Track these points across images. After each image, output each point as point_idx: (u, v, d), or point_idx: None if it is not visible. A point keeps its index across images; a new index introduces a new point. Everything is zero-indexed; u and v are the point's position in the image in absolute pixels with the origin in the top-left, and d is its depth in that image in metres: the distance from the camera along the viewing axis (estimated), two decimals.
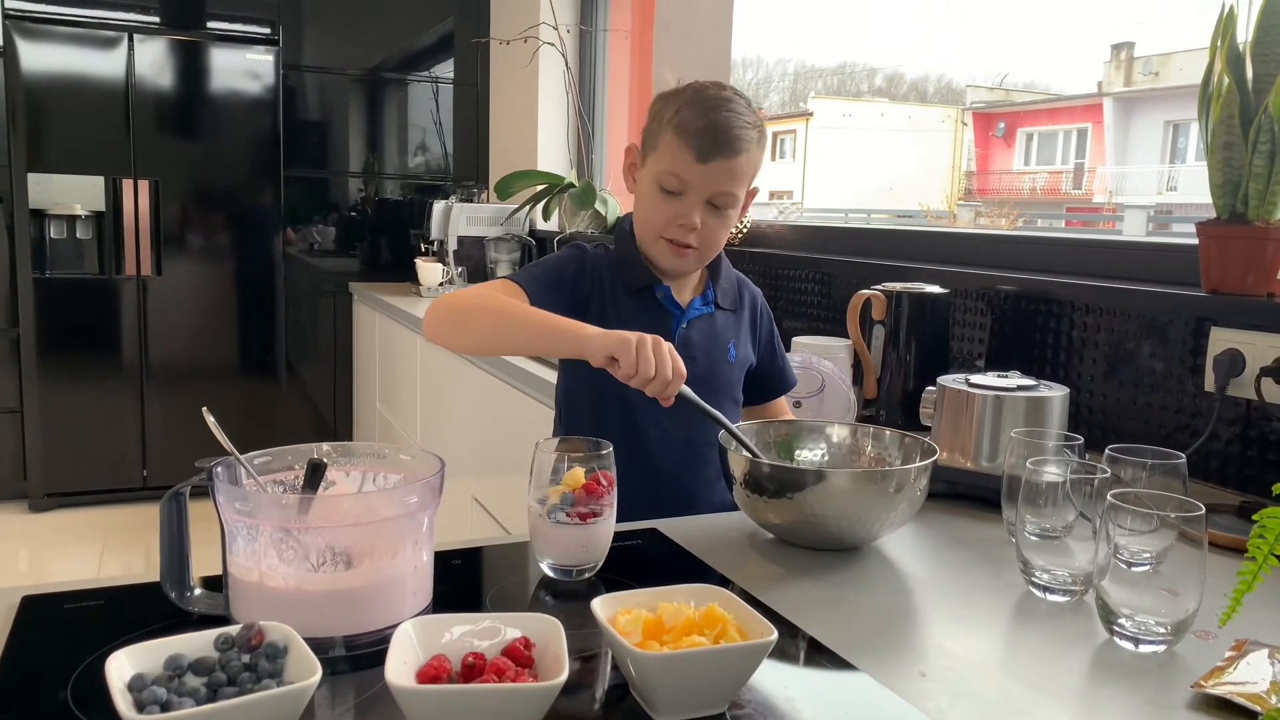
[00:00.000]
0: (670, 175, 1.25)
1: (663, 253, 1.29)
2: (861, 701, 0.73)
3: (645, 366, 1.04)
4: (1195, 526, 0.78)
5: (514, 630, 0.69)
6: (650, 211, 1.29)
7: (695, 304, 1.35)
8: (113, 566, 3.36)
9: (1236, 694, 0.72)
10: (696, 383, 1.25)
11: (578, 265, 1.33)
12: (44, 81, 3.62)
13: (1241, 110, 1.28)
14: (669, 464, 1.31)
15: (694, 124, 1.23)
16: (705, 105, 1.24)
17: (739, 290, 1.42)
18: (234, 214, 3.97)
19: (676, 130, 1.24)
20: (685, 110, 1.24)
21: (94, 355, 3.86)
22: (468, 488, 2.66)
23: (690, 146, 1.23)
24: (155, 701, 0.59)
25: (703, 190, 1.25)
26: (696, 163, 1.23)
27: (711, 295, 1.37)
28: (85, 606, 0.84)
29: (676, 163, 1.24)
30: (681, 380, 1.06)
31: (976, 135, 18.54)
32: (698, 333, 1.33)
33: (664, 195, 1.26)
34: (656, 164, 1.27)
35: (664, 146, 1.26)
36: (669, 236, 1.27)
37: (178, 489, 0.81)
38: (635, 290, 1.32)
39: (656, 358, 1.04)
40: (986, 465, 1.24)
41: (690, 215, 1.25)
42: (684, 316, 1.33)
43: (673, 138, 1.24)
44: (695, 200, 1.25)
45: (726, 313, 1.38)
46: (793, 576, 0.98)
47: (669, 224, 1.27)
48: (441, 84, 4.43)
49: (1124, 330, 1.49)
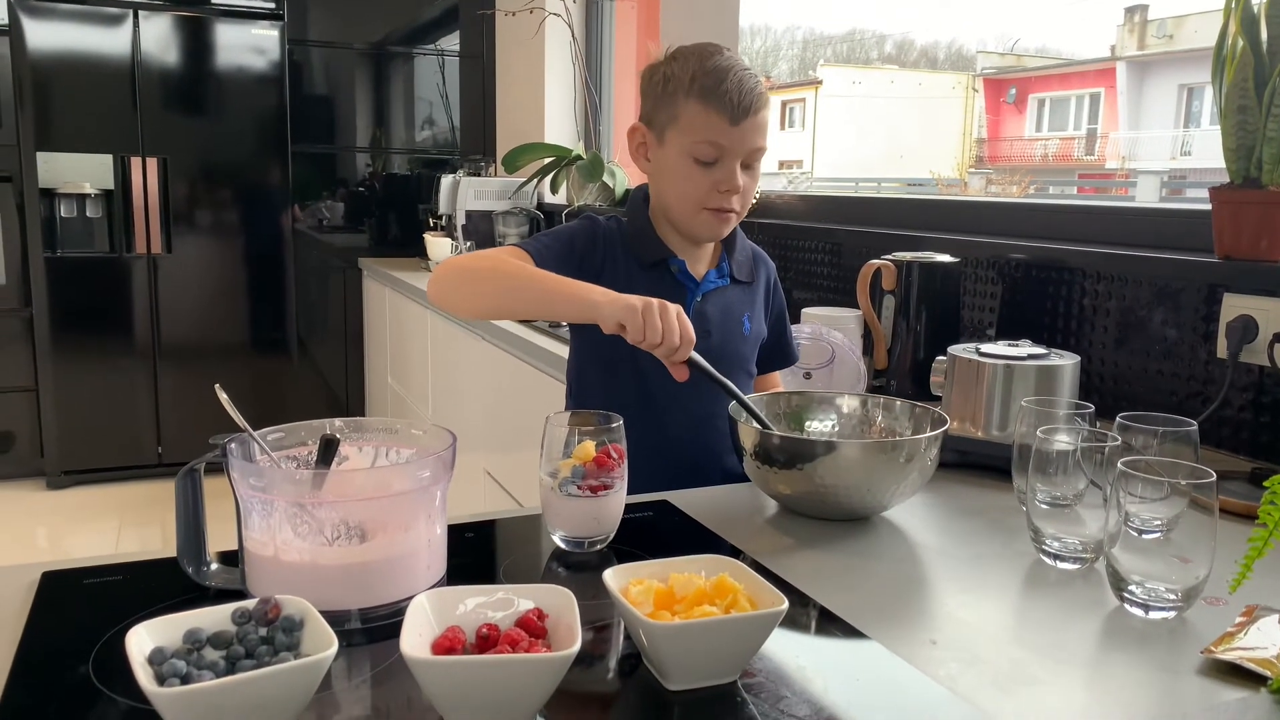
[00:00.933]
0: (705, 145, 1.24)
1: (706, 223, 1.28)
2: (872, 669, 0.73)
3: (653, 332, 1.03)
4: (1206, 493, 0.78)
5: (527, 602, 0.70)
6: (686, 185, 1.27)
7: (710, 276, 1.34)
8: (130, 542, 3.39)
9: (1246, 659, 0.72)
10: (711, 356, 1.25)
11: (589, 237, 1.32)
12: (50, 60, 3.62)
13: (1256, 73, 1.26)
14: (681, 434, 1.31)
15: (718, 88, 1.22)
16: (719, 68, 1.23)
17: (754, 262, 1.41)
18: (242, 191, 3.97)
19: (701, 99, 1.23)
20: (702, 77, 1.23)
21: (107, 333, 3.88)
22: (480, 461, 2.67)
23: (721, 112, 1.22)
24: (175, 674, 0.60)
25: (738, 152, 1.24)
26: (731, 126, 1.22)
27: (727, 268, 1.36)
28: (104, 582, 0.86)
29: (710, 130, 1.23)
30: (691, 345, 1.05)
31: (987, 102, 18.33)
32: (713, 306, 1.33)
33: (700, 166, 1.25)
34: (684, 136, 1.25)
35: (688, 118, 1.24)
36: (712, 205, 1.26)
37: (192, 465, 0.81)
38: (650, 264, 1.31)
39: (665, 322, 1.04)
40: (997, 434, 1.24)
41: (733, 179, 1.25)
42: (699, 290, 1.32)
43: (698, 107, 1.23)
44: (733, 163, 1.25)
45: (742, 285, 1.37)
46: (803, 547, 0.98)
47: (710, 193, 1.26)
48: (447, 57, 4.41)
49: (1136, 297, 1.48)
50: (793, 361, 1.50)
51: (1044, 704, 0.69)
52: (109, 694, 0.67)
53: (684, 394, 1.30)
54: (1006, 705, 0.68)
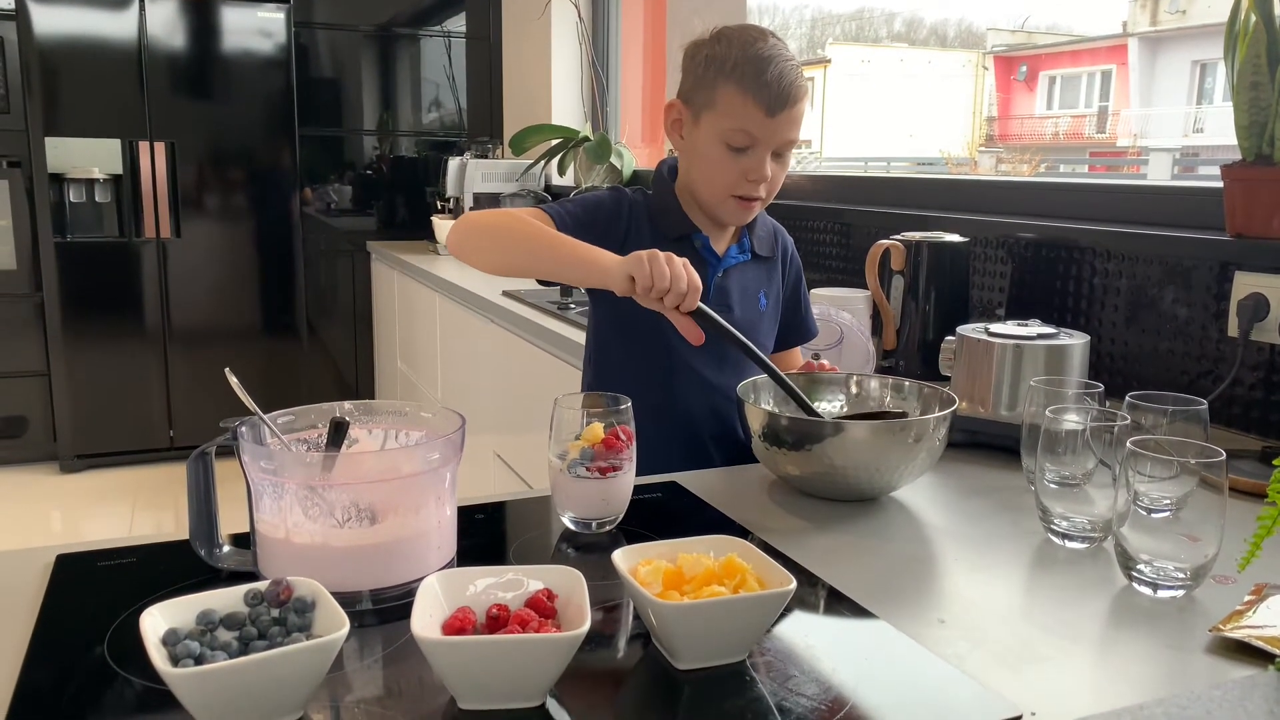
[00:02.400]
0: (739, 133, 1.23)
1: (732, 210, 1.28)
2: (881, 648, 0.74)
3: (660, 279, 1.03)
4: (1215, 472, 0.77)
5: (537, 582, 0.70)
6: (715, 171, 1.26)
7: (732, 252, 1.34)
8: (143, 525, 3.42)
9: (1255, 637, 0.72)
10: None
11: (614, 207, 1.31)
12: (57, 45, 3.61)
13: (1269, 49, 1.25)
14: (697, 405, 1.32)
15: (759, 78, 1.20)
16: (761, 57, 1.21)
17: (775, 237, 1.41)
18: (250, 174, 3.98)
19: (740, 86, 1.21)
20: (744, 64, 1.21)
21: (117, 318, 3.89)
22: (489, 444, 2.68)
23: (759, 102, 1.21)
24: (189, 655, 0.61)
25: (771, 142, 1.24)
26: (767, 117, 1.21)
27: (748, 244, 1.36)
28: (118, 564, 0.86)
29: (745, 119, 1.22)
30: (698, 294, 1.05)
31: (998, 79, 18.17)
32: (733, 282, 1.33)
33: (731, 152, 1.24)
34: (719, 122, 1.24)
35: (725, 103, 1.23)
36: (740, 193, 1.26)
37: (204, 449, 0.82)
38: (674, 239, 1.31)
39: (671, 270, 1.04)
40: (1006, 414, 1.24)
41: (762, 168, 1.24)
42: (720, 265, 1.33)
43: (736, 93, 1.22)
44: (764, 153, 1.24)
45: (761, 261, 1.38)
46: (812, 527, 0.99)
47: (739, 180, 1.25)
48: (454, 38, 4.39)
49: (1146, 276, 1.47)
50: (810, 337, 1.50)
51: (1052, 682, 0.69)
52: (124, 675, 0.67)
53: (703, 365, 1.30)
54: (1015, 684, 0.68)
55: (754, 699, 0.66)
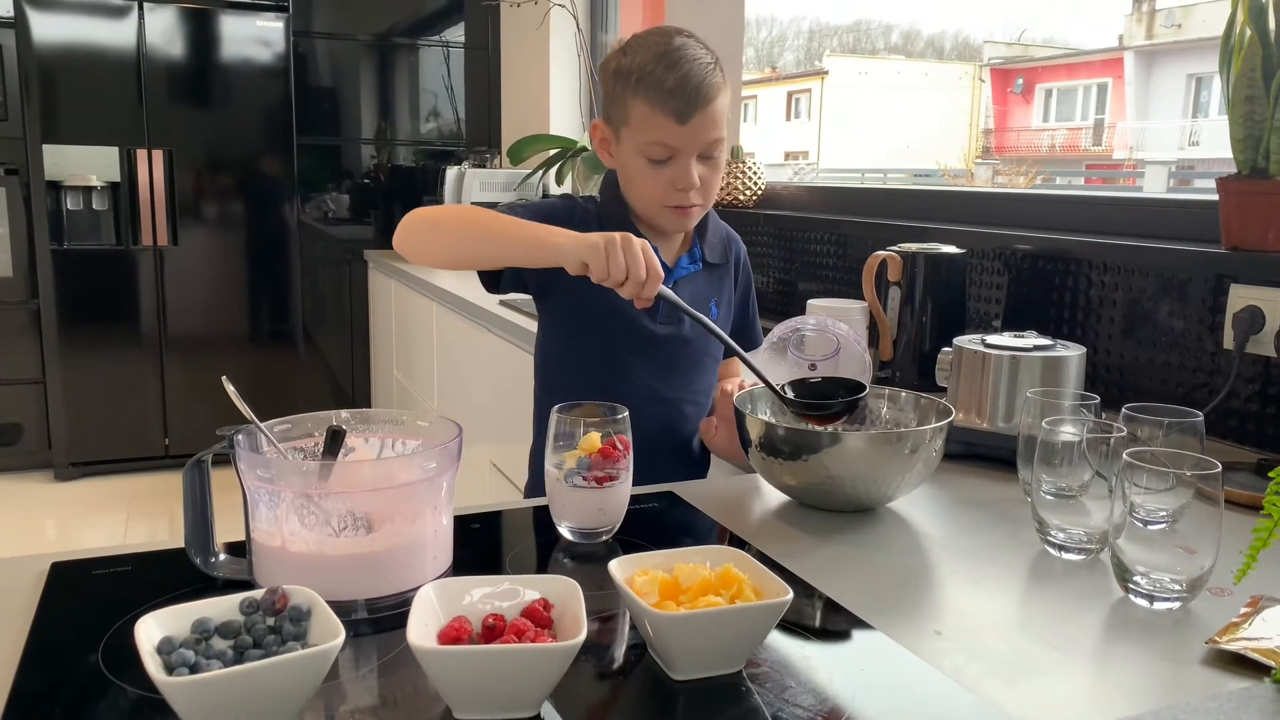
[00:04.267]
0: (656, 145, 1.21)
1: (669, 220, 1.27)
2: (877, 660, 0.74)
3: (617, 268, 1.01)
4: (1211, 484, 0.77)
5: (533, 592, 0.70)
6: (643, 185, 1.25)
7: (683, 262, 1.32)
8: (138, 533, 3.41)
9: (1251, 649, 0.72)
10: (679, 342, 1.25)
11: (566, 211, 1.30)
12: (56, 52, 3.62)
13: (1264, 63, 1.25)
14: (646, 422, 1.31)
15: (662, 87, 1.18)
16: (666, 62, 1.18)
17: (727, 244, 1.39)
18: (248, 183, 3.98)
19: (646, 98, 1.19)
20: (648, 75, 1.19)
21: (114, 325, 3.89)
22: (486, 453, 2.68)
23: (668, 112, 1.18)
24: (184, 663, 0.61)
25: (692, 149, 1.21)
26: (679, 125, 1.19)
27: (699, 253, 1.34)
28: (113, 573, 0.86)
29: (659, 131, 1.20)
30: (658, 281, 1.03)
31: (994, 92, 18.26)
32: (685, 291, 1.30)
33: (654, 165, 1.22)
34: (635, 136, 1.22)
35: (637, 117, 1.21)
36: (672, 203, 1.24)
37: (199, 457, 0.82)
38: None
39: (629, 257, 1.01)
40: (1003, 426, 1.24)
41: (689, 176, 1.22)
42: (671, 276, 1.31)
43: (644, 106, 1.20)
44: (687, 160, 1.22)
45: (712, 268, 1.35)
46: (808, 537, 0.99)
47: (668, 191, 1.23)
48: (452, 48, 4.40)
49: (1142, 288, 1.48)
50: (755, 346, 1.43)
51: (1049, 694, 0.69)
52: (118, 683, 0.67)
53: (652, 375, 1.29)
54: (1011, 696, 0.68)
55: (750, 709, 0.65)
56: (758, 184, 2.54)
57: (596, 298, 1.14)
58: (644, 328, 1.25)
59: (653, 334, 1.27)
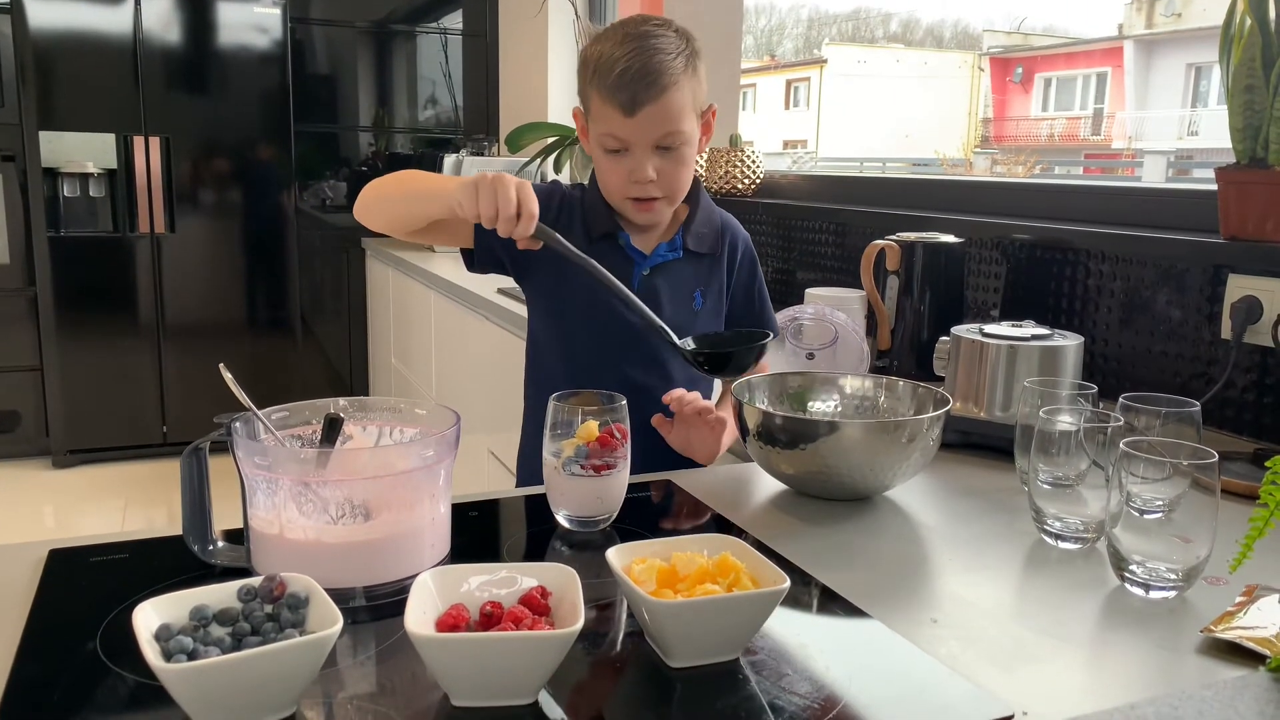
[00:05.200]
0: (609, 137, 1.21)
1: (631, 211, 1.26)
2: (874, 647, 0.74)
3: (486, 205, 1.03)
4: (1208, 474, 0.78)
5: (531, 580, 0.70)
6: (605, 175, 1.25)
7: (660, 250, 1.31)
8: (136, 521, 3.41)
9: (1246, 638, 0.72)
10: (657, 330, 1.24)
11: (546, 196, 1.30)
12: (52, 38, 3.60)
13: (1264, 52, 1.25)
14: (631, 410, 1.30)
15: (610, 78, 1.17)
16: (620, 53, 1.17)
17: (720, 234, 1.36)
18: (245, 170, 3.97)
19: (599, 89, 1.19)
20: (601, 66, 1.18)
21: (111, 313, 3.88)
22: (484, 441, 2.68)
23: (615, 103, 1.17)
24: (182, 651, 0.61)
25: (644, 141, 1.20)
26: (626, 117, 1.18)
27: (680, 241, 1.32)
28: (111, 560, 0.86)
29: (609, 123, 1.19)
30: (532, 220, 1.03)
31: (993, 81, 18.25)
32: (663, 279, 1.30)
33: (611, 156, 1.22)
34: (594, 127, 1.23)
35: (594, 108, 1.21)
36: (630, 195, 1.24)
37: (197, 444, 0.82)
38: (598, 236, 1.29)
39: (499, 196, 1.02)
40: (1000, 415, 1.24)
41: (642, 169, 1.21)
42: (646, 263, 1.30)
43: (598, 98, 1.20)
44: (642, 153, 1.20)
45: (700, 257, 1.33)
46: (806, 526, 0.99)
47: (625, 183, 1.23)
48: (450, 35, 4.38)
49: (1140, 278, 1.48)
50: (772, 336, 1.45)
51: (1044, 682, 0.70)
52: (116, 670, 0.67)
53: (631, 366, 1.28)
54: (1007, 683, 0.69)
55: (747, 697, 0.66)
56: (756, 173, 2.53)
57: (574, 288, 1.13)
58: (622, 317, 1.24)
59: (631, 324, 1.25)
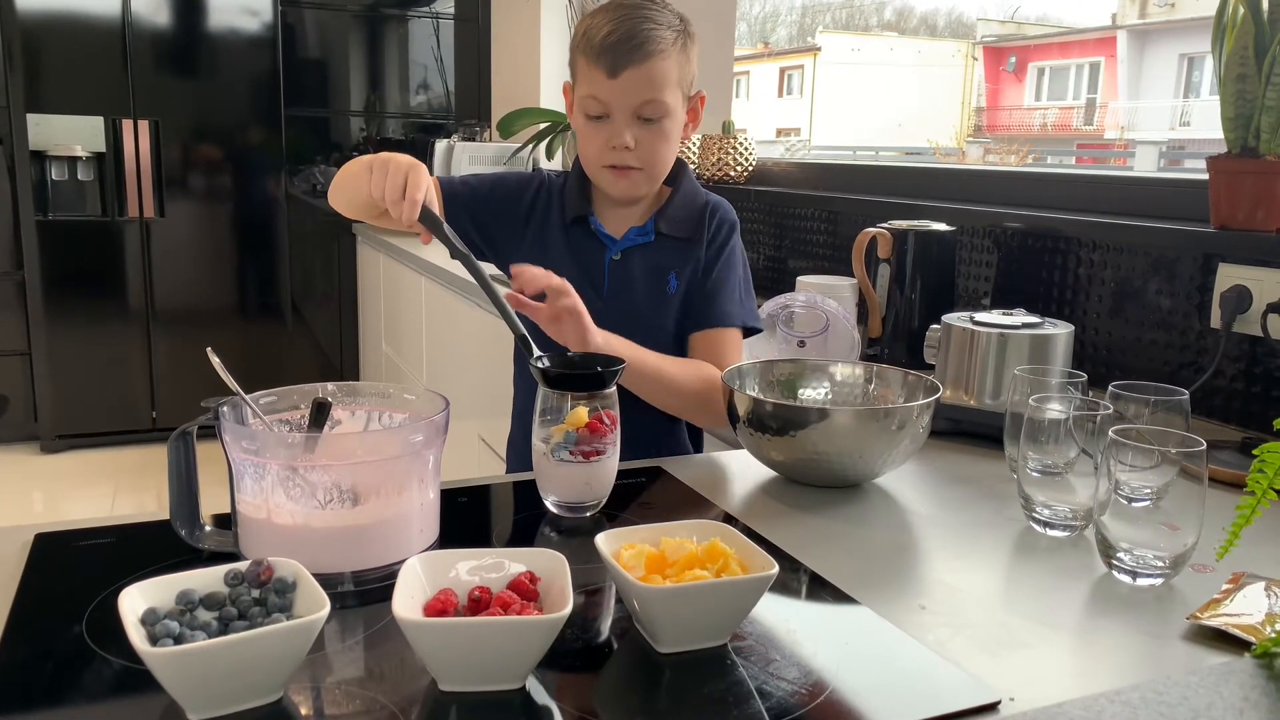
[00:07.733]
0: (590, 99, 1.21)
1: (608, 181, 1.26)
2: (862, 633, 0.74)
3: (375, 187, 1.05)
4: (1196, 462, 0.78)
5: (519, 565, 0.70)
6: (584, 142, 1.25)
7: (631, 234, 1.30)
8: (125, 506, 3.40)
9: (1232, 625, 0.73)
10: (629, 315, 1.23)
11: (518, 187, 1.31)
12: (40, 20, 3.57)
13: (1256, 42, 1.25)
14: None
15: (598, 39, 1.18)
16: (610, 17, 1.18)
17: (702, 217, 1.32)
18: (235, 154, 3.94)
19: (584, 51, 1.20)
20: (591, 28, 1.19)
21: (100, 297, 3.86)
22: (474, 427, 2.67)
23: (600, 64, 1.18)
24: (168, 635, 0.60)
25: (625, 106, 1.20)
26: (609, 79, 1.18)
27: (652, 225, 1.30)
28: (97, 544, 0.86)
29: (592, 84, 1.20)
30: (414, 206, 1.05)
31: (987, 70, 18.24)
32: (635, 262, 1.29)
33: (591, 122, 1.22)
34: (577, 91, 1.24)
35: (579, 72, 1.22)
36: (607, 163, 1.23)
37: (185, 429, 0.81)
38: (570, 220, 1.29)
39: (388, 178, 1.05)
40: (990, 403, 1.24)
41: (620, 135, 1.20)
42: (615, 246, 1.29)
43: (583, 61, 1.21)
44: (622, 119, 1.20)
45: (677, 241, 1.30)
46: (795, 512, 0.99)
47: (603, 150, 1.22)
48: (442, 19, 4.35)
49: (1131, 267, 1.48)
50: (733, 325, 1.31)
51: (1032, 668, 0.70)
52: (102, 654, 0.67)
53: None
54: (995, 669, 0.69)
55: (735, 682, 0.66)
56: (749, 160, 2.53)
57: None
58: (590, 301, 1.21)
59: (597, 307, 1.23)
